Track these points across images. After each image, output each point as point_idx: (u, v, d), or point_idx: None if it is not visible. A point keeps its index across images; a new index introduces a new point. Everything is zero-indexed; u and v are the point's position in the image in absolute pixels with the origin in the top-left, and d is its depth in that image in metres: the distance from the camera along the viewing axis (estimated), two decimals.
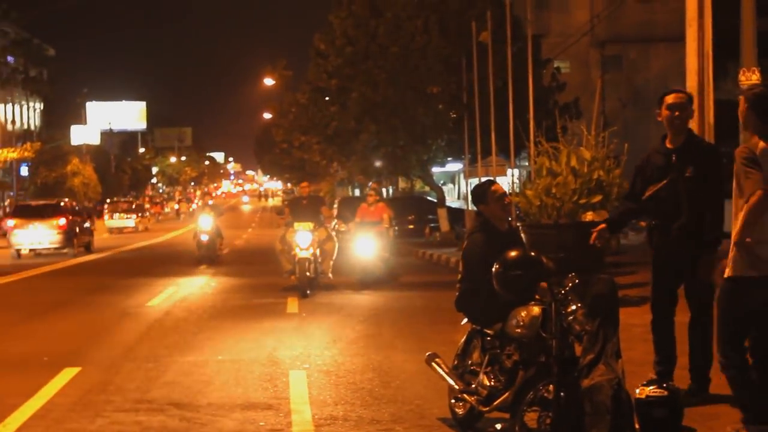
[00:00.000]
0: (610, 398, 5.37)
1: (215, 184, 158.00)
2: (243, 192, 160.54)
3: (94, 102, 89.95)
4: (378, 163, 33.31)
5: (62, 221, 29.40)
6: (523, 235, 10.33)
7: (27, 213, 29.97)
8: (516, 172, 26.13)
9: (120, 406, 7.73)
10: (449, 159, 35.47)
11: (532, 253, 5.96)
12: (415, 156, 32.17)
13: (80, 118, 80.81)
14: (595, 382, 5.44)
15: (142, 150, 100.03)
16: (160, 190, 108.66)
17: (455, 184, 55.26)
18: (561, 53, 33.35)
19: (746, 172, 5.55)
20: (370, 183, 21.25)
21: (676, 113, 7.11)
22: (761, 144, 5.59)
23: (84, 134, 77.71)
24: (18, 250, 29.55)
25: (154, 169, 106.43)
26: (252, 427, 7.01)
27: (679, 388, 6.27)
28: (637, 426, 5.82)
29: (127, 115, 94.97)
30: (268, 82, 63.89)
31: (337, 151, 34.69)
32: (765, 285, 5.57)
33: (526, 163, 26.48)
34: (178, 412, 7.46)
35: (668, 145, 7.19)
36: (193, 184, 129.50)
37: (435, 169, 37.63)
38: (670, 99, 7.17)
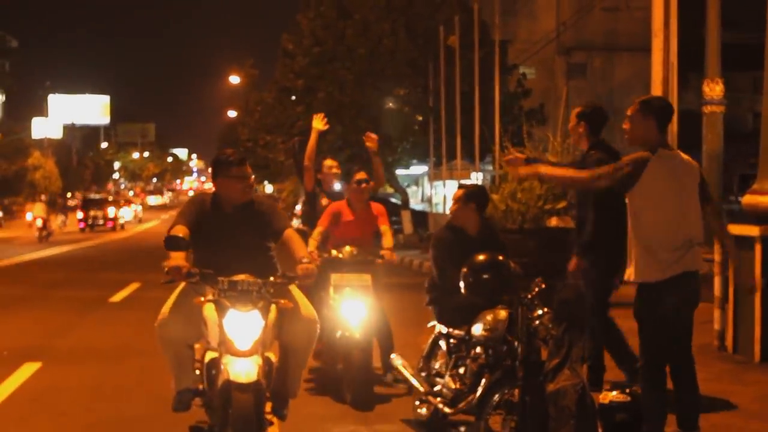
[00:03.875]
0: (575, 403, 5.42)
1: (178, 180, 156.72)
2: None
3: (56, 95, 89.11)
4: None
5: None
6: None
7: None
8: (480, 175, 26.28)
9: (82, 401, 7.67)
10: (414, 161, 35.57)
11: (500, 257, 6.01)
12: (380, 158, 32.22)
13: (42, 111, 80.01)
14: (559, 386, 5.50)
15: (104, 145, 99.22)
16: (122, 186, 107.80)
17: (419, 186, 55.38)
18: (527, 59, 33.58)
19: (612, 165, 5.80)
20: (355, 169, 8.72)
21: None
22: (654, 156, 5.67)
23: (46, 127, 76.93)
24: None
25: (117, 165, 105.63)
26: None
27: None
28: (600, 430, 5.88)
29: (90, 109, 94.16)
30: (234, 79, 63.63)
31: (302, 152, 34.62)
32: (672, 287, 5.63)
33: (491, 167, 26.61)
34: (140, 410, 7.42)
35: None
36: (155, 180, 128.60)
37: (399, 172, 37.69)
38: None
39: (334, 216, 8.18)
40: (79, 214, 45.84)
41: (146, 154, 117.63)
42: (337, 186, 9.14)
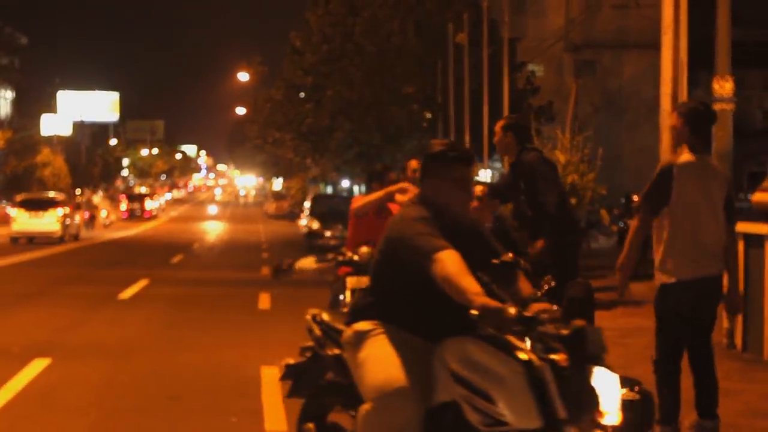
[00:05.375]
0: None
1: (186, 178, 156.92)
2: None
3: (65, 92, 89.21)
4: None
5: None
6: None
7: None
8: (489, 173, 26.26)
9: (92, 397, 7.69)
10: None
11: (510, 255, 5.99)
12: (388, 155, 32.24)
13: (51, 108, 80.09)
14: None
15: (113, 142, 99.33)
16: (131, 183, 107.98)
17: None
18: (536, 57, 33.52)
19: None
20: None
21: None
22: (683, 157, 5.78)
23: (55, 124, 77.02)
24: None
25: (125, 162, 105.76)
26: (224, 419, 6.99)
27: (650, 391, 6.34)
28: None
29: (99, 105, 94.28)
30: (243, 76, 63.71)
31: (311, 148, 34.69)
32: (686, 289, 5.79)
33: (499, 165, 26.60)
34: (149, 405, 7.44)
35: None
36: (164, 177, 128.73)
37: None
38: None
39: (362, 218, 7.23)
40: (123, 206, 58.89)
41: (155, 151, 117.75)
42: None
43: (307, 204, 35.22)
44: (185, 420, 7.05)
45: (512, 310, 3.55)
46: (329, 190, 53.16)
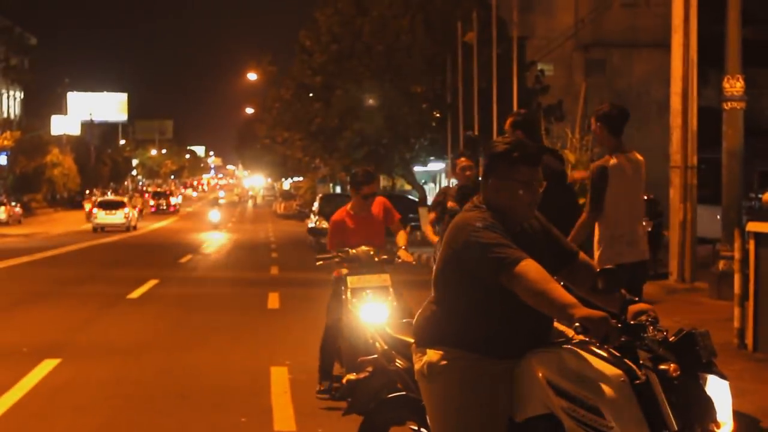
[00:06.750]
0: None
1: (196, 177, 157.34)
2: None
3: (75, 92, 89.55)
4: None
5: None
6: None
7: None
8: None
9: (101, 397, 7.70)
10: (431, 158, 35.55)
11: None
12: (397, 154, 32.22)
13: (61, 108, 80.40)
14: None
15: (122, 142, 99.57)
16: (140, 183, 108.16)
17: (437, 183, 55.35)
18: (545, 56, 33.46)
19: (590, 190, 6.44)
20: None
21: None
22: (612, 160, 6.38)
23: (64, 124, 77.32)
24: None
25: (135, 162, 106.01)
26: (233, 419, 6.99)
27: None
28: None
29: (109, 106, 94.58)
30: (252, 76, 63.72)
31: (320, 148, 34.72)
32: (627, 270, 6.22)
33: None
34: (158, 405, 7.44)
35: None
36: (173, 177, 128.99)
37: (417, 168, 37.67)
38: None
39: (337, 229, 7.61)
40: (151, 202, 69.81)
41: (164, 151, 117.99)
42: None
43: (316, 205, 35.22)
44: (194, 419, 7.05)
45: (614, 319, 3.36)
46: (338, 190, 53.21)
